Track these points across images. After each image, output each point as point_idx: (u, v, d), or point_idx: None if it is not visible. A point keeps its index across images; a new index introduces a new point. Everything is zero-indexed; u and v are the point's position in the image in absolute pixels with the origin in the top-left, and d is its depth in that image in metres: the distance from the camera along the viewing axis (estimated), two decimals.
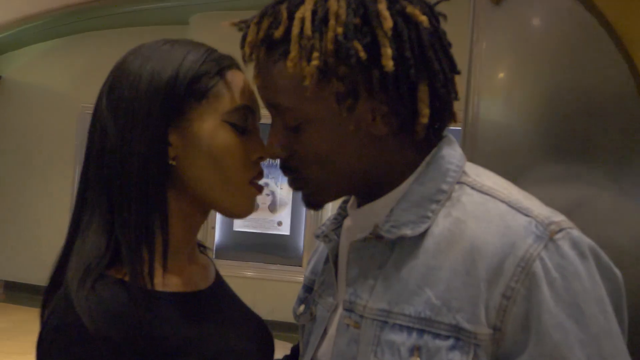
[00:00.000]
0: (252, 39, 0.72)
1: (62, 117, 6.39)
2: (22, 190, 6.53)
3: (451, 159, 0.74)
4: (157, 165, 0.76)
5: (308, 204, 0.79)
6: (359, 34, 0.66)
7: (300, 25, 0.67)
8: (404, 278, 0.69)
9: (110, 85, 0.79)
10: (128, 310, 0.71)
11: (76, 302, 0.69)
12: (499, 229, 0.66)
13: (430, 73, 0.69)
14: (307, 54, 0.67)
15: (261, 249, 5.65)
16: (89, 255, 0.74)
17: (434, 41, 0.70)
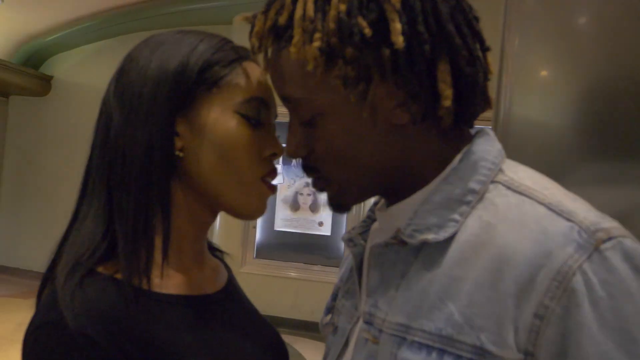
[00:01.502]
0: (259, 28, 0.67)
1: None
2: (71, 186, 6.65)
3: (486, 154, 0.65)
4: (162, 155, 0.71)
5: (333, 207, 0.73)
6: (364, 10, 0.59)
7: (303, 7, 0.62)
8: (425, 289, 0.61)
9: (118, 72, 0.76)
10: (116, 310, 0.66)
11: (60, 297, 0.65)
12: (533, 234, 0.57)
13: (451, 49, 0.61)
14: (309, 36, 0.61)
15: (302, 249, 5.60)
16: (81, 247, 0.70)
17: (455, 14, 0.61)
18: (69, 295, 0.65)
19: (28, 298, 5.94)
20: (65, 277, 0.67)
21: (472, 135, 0.70)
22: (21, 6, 5.78)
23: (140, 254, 0.70)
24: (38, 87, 6.91)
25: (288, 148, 0.71)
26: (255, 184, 0.76)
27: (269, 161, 0.78)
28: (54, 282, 0.68)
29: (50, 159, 6.90)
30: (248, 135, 0.74)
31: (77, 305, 0.64)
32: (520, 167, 0.67)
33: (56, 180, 6.82)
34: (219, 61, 0.74)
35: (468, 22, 0.63)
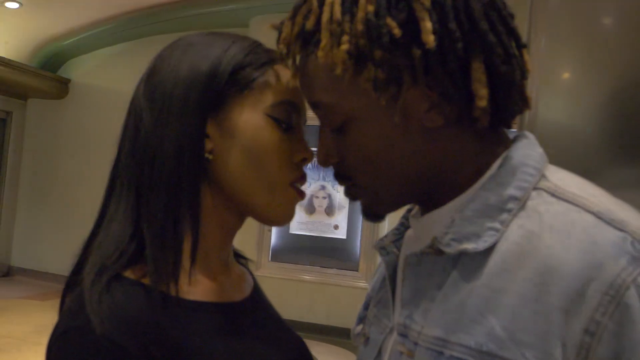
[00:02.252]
0: (286, 35, 0.65)
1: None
2: (87, 189, 6.72)
3: (526, 159, 0.62)
4: (192, 156, 0.70)
5: (367, 215, 0.70)
6: (393, 10, 0.57)
7: (330, 10, 0.60)
8: (463, 301, 0.58)
9: (149, 72, 0.74)
10: (144, 316, 0.64)
11: (87, 301, 0.63)
12: (581, 245, 0.53)
13: (485, 47, 0.58)
14: (337, 39, 0.59)
15: (317, 252, 5.57)
16: (108, 250, 0.68)
17: (488, 11, 0.59)
18: (96, 299, 0.63)
19: (44, 300, 6.00)
20: (92, 280, 0.65)
21: (510, 139, 0.66)
22: (39, 10, 5.85)
23: (168, 259, 0.68)
24: (56, 90, 6.97)
25: (319, 156, 0.68)
26: (285, 190, 0.74)
27: (298, 166, 0.76)
28: (80, 286, 0.66)
29: (66, 162, 6.96)
30: (278, 139, 0.73)
31: (105, 310, 0.62)
32: (563, 172, 0.64)
33: (72, 182, 6.88)
34: (251, 63, 0.73)
35: (502, 19, 0.60)
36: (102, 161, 4.71)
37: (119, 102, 5.03)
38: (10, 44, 6.36)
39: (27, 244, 7.14)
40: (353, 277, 5.29)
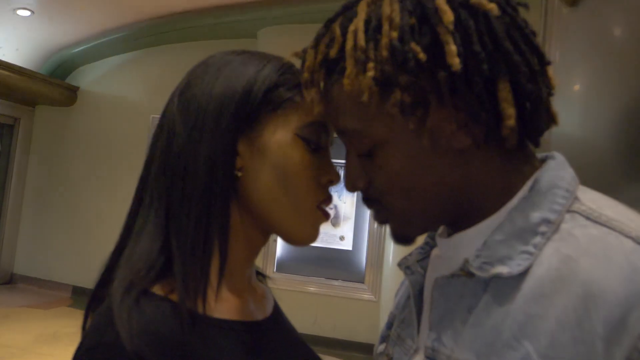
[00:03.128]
0: (310, 63, 0.66)
1: (133, 127, 6.57)
2: (93, 197, 6.75)
3: (560, 181, 0.61)
4: (224, 173, 0.71)
5: (397, 239, 0.69)
6: (416, 35, 0.58)
7: (353, 38, 0.61)
8: (497, 326, 0.58)
9: (183, 87, 0.75)
10: (173, 332, 0.64)
11: (117, 315, 0.63)
12: (622, 271, 0.53)
13: (511, 67, 0.58)
14: (362, 66, 0.60)
15: (323, 263, 5.55)
16: (137, 263, 0.68)
17: (511, 31, 0.59)
18: (126, 314, 0.63)
19: (47, 309, 5.99)
20: (121, 295, 0.65)
21: (536, 157, 0.66)
22: (51, 18, 5.90)
23: (196, 276, 0.68)
24: (64, 97, 7.00)
25: (347, 181, 0.68)
26: (311, 211, 0.75)
27: (325, 188, 0.77)
28: (107, 301, 0.66)
29: (72, 169, 6.98)
30: (307, 160, 0.74)
31: (135, 325, 0.63)
32: (596, 194, 0.63)
33: (78, 190, 6.89)
34: (284, 84, 0.74)
35: (525, 37, 0.60)
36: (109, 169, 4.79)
37: (127, 111, 5.10)
38: (21, 51, 6.39)
39: (31, 252, 7.13)
40: (359, 289, 5.27)
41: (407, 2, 0.59)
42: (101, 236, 6.23)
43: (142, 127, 6.45)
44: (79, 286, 6.64)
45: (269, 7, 5.25)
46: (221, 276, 0.72)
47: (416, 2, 0.59)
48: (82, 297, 6.43)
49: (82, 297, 6.43)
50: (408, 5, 0.59)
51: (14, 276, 7.13)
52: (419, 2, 0.59)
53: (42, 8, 5.65)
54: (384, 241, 5.11)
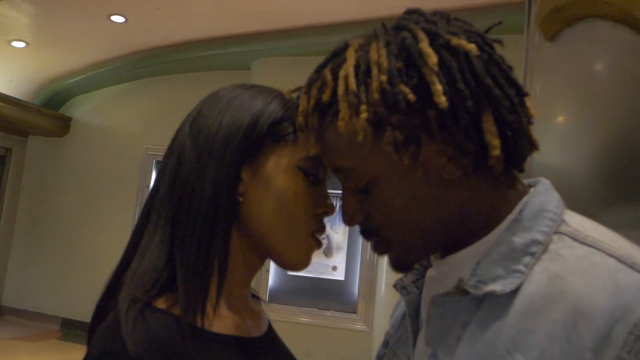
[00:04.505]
0: (303, 108, 0.70)
1: (126, 158, 6.59)
2: (84, 228, 6.72)
3: (548, 205, 0.66)
4: (227, 197, 0.76)
5: (396, 267, 0.73)
6: (404, 77, 0.62)
7: (344, 82, 0.64)
8: (491, 340, 0.61)
9: (195, 115, 0.81)
10: (175, 344, 0.68)
11: (123, 324, 0.67)
12: (607, 288, 0.57)
13: (492, 101, 0.63)
14: (355, 109, 0.63)
15: (315, 294, 5.54)
16: (143, 278, 0.73)
17: (490, 67, 0.64)
18: (131, 324, 0.67)
19: (35, 341, 5.93)
20: (127, 306, 0.69)
21: (526, 184, 0.70)
22: (45, 49, 5.98)
23: (197, 291, 0.72)
24: (57, 127, 7.03)
25: (344, 217, 0.71)
26: (305, 239, 0.80)
27: (320, 218, 0.81)
28: (115, 313, 0.70)
29: (64, 200, 6.96)
30: (305, 191, 0.79)
31: (139, 334, 0.67)
32: (581, 217, 0.67)
33: (69, 221, 6.86)
34: (289, 118, 0.79)
35: (503, 72, 0.65)
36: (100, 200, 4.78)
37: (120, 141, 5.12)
38: (15, 81, 6.45)
39: (20, 283, 7.06)
40: (351, 319, 5.25)
41: (393, 47, 0.63)
42: (91, 268, 6.19)
43: (135, 157, 6.48)
44: (68, 318, 6.58)
45: (263, 40, 5.35)
46: (220, 293, 0.76)
47: (401, 46, 0.63)
48: (71, 329, 6.39)
49: (71, 329, 6.39)
50: (394, 50, 0.63)
51: (2, 308, 7.06)
52: (403, 46, 0.63)
53: (36, 40, 5.74)
54: (377, 271, 5.11)
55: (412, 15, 0.67)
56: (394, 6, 4.34)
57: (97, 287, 0.79)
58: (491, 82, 0.63)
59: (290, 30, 5.08)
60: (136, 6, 4.87)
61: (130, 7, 4.91)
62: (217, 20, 5.11)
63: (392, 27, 0.66)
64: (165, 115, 6.03)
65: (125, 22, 5.22)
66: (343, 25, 4.73)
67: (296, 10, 4.71)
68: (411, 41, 0.63)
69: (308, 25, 4.90)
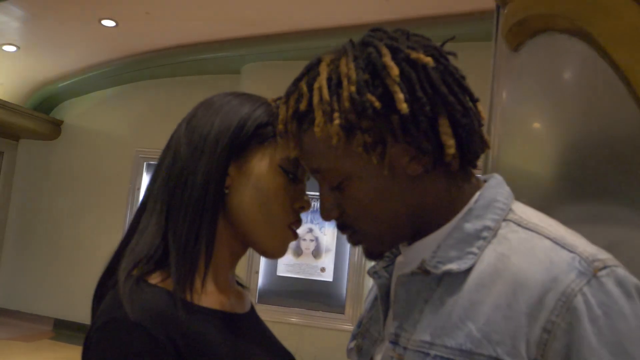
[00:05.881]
0: (283, 116, 0.78)
1: (117, 161, 6.58)
2: (76, 230, 6.70)
3: (498, 196, 0.76)
4: (215, 188, 0.85)
5: (369, 256, 0.82)
6: (370, 87, 0.71)
7: (319, 93, 0.73)
8: (447, 312, 0.70)
9: (190, 117, 0.91)
10: (168, 311, 0.77)
11: (122, 293, 0.76)
12: (542, 264, 0.67)
13: (447, 106, 0.72)
14: (329, 116, 0.72)
15: (304, 294, 5.58)
16: (140, 254, 0.82)
17: (445, 77, 0.73)
18: (129, 293, 0.77)
19: (29, 342, 5.91)
20: (125, 278, 0.78)
21: (480, 179, 0.80)
22: (36, 54, 5.97)
23: (187, 268, 0.81)
24: (48, 131, 7.02)
25: (322, 212, 0.80)
26: (282, 229, 0.90)
27: (297, 212, 0.91)
28: (116, 287, 0.78)
29: (55, 202, 6.94)
30: (285, 187, 0.88)
31: (137, 303, 0.76)
32: (526, 207, 0.77)
33: (60, 223, 6.86)
34: (272, 123, 0.88)
35: (457, 81, 0.75)
36: (92, 203, 4.82)
37: (111, 144, 5.12)
38: (6, 85, 6.44)
39: (12, 285, 7.04)
40: (339, 319, 5.27)
41: (360, 61, 0.72)
42: (83, 269, 6.17)
43: (126, 160, 6.47)
44: (60, 319, 6.58)
45: (252, 44, 5.39)
46: (207, 272, 0.85)
47: (367, 60, 0.72)
48: (63, 330, 6.38)
49: (63, 330, 6.38)
50: (361, 64, 0.72)
51: None
52: (369, 60, 0.72)
53: (27, 44, 5.74)
54: (364, 273, 5.14)
55: (377, 33, 0.77)
56: (380, 12, 4.43)
57: (89, 288, 0.87)
58: (446, 90, 0.72)
59: (279, 35, 5.13)
60: (127, 10, 4.89)
61: (120, 12, 4.92)
62: (207, 25, 5.14)
63: (359, 43, 0.76)
64: (156, 119, 6.08)
65: (115, 27, 5.22)
66: (331, 31, 4.77)
67: (285, 15, 4.76)
68: (376, 56, 0.72)
69: (296, 30, 4.95)
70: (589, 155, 1.12)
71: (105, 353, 0.74)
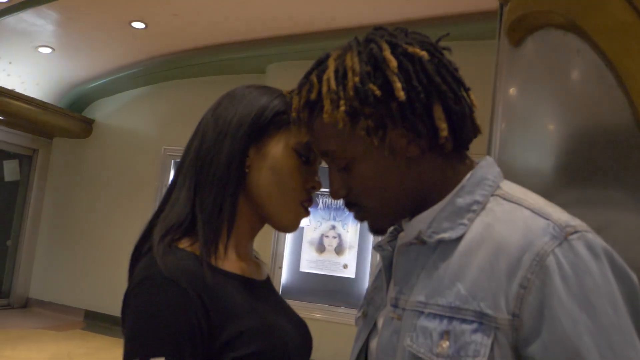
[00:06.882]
0: (296, 105, 0.87)
1: (146, 158, 6.67)
2: (106, 225, 6.81)
3: (487, 175, 0.84)
4: (237, 167, 0.96)
5: (373, 231, 0.90)
6: (372, 78, 0.79)
7: (327, 84, 0.82)
8: (440, 275, 0.78)
9: (216, 106, 1.02)
10: (196, 270, 0.87)
11: (156, 253, 0.87)
12: (520, 230, 0.74)
13: (441, 94, 0.80)
14: (336, 103, 0.80)
15: (326, 291, 5.62)
16: (171, 221, 0.93)
17: (439, 68, 0.81)
18: (162, 254, 0.88)
19: (59, 331, 6.08)
20: (159, 241, 0.89)
21: (471, 159, 0.89)
22: (69, 55, 6.10)
23: (212, 236, 0.92)
24: (80, 129, 7.15)
25: (331, 191, 0.89)
26: (295, 205, 1.00)
27: (309, 191, 1.01)
28: (152, 250, 0.89)
29: (86, 199, 7.06)
30: (298, 168, 0.99)
31: (168, 262, 0.86)
32: (514, 185, 0.85)
33: (90, 219, 6.98)
34: (288, 112, 0.98)
35: (450, 72, 0.83)
36: (121, 199, 4.94)
37: (139, 142, 5.20)
38: (41, 85, 6.58)
39: (45, 277, 7.21)
40: None
41: (363, 56, 0.81)
42: (112, 263, 6.27)
43: (154, 158, 6.58)
44: (91, 310, 6.73)
45: (277, 45, 5.45)
46: (228, 240, 0.95)
47: (369, 55, 0.81)
48: (94, 321, 6.54)
49: (94, 321, 6.54)
50: (364, 58, 0.81)
51: (29, 300, 7.26)
52: (371, 54, 0.81)
53: (62, 46, 5.88)
54: None
55: (378, 31, 0.86)
56: (400, 12, 4.46)
57: (118, 282, 0.96)
58: (439, 80, 0.80)
59: (303, 35, 5.19)
60: (155, 13, 4.99)
61: (150, 14, 5.03)
62: (233, 26, 5.20)
63: (363, 40, 0.85)
64: (183, 118, 6.06)
65: (145, 28, 5.33)
66: (354, 30, 4.72)
67: (309, 15, 4.82)
68: (377, 50, 0.80)
69: (321, 30, 5.01)
70: (582, 142, 1.18)
71: (142, 305, 0.84)
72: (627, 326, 0.68)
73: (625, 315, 0.68)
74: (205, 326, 0.84)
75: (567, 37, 1.21)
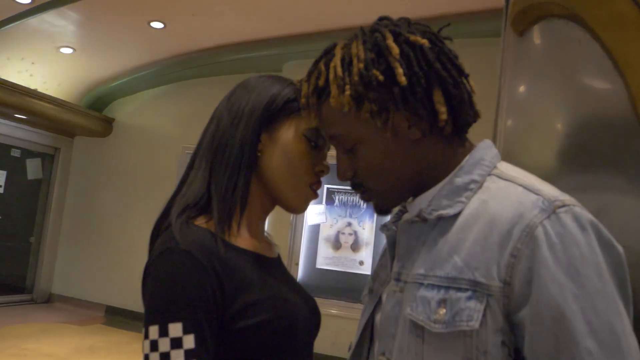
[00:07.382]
0: (305, 91, 0.92)
1: (164, 157, 6.71)
2: (126, 223, 6.88)
3: (485, 156, 0.88)
4: (249, 151, 1.01)
5: (378, 211, 0.94)
6: (376, 64, 0.83)
7: (334, 71, 0.86)
8: (439, 249, 0.82)
9: (231, 94, 1.07)
10: (211, 244, 0.92)
11: (174, 227, 0.92)
12: (513, 205, 0.78)
13: (440, 80, 0.84)
14: (341, 88, 0.84)
15: (342, 287, 5.63)
16: (188, 199, 0.98)
17: (439, 56, 0.85)
18: (179, 227, 0.93)
19: (82, 325, 6.18)
20: (177, 217, 0.95)
21: (472, 142, 0.92)
22: (90, 55, 6.18)
23: (227, 214, 0.97)
24: (101, 128, 7.23)
25: (338, 172, 0.94)
26: (304, 188, 1.06)
27: (317, 175, 1.06)
28: (169, 227, 0.95)
29: (107, 196, 7.13)
30: (307, 152, 1.04)
31: (185, 236, 0.92)
32: (510, 165, 0.89)
33: (111, 216, 7.05)
34: (298, 99, 1.03)
35: (450, 59, 0.87)
36: (141, 197, 5.00)
37: (159, 141, 5.23)
38: (63, 85, 6.67)
39: (67, 274, 7.30)
40: None
41: (368, 44, 0.85)
42: (132, 260, 6.16)
43: (173, 156, 6.61)
44: (111, 306, 6.81)
45: (293, 43, 5.49)
46: (241, 218, 1.01)
47: (373, 43, 0.85)
48: (114, 316, 6.61)
49: (114, 316, 6.61)
50: (368, 46, 0.85)
51: (52, 296, 7.38)
52: (375, 42, 0.85)
53: (82, 46, 5.96)
54: None
55: (383, 21, 0.91)
56: (414, 9, 4.47)
57: (137, 279, 1.00)
58: (439, 66, 0.84)
59: (320, 33, 5.21)
60: (174, 13, 5.03)
61: (168, 14, 5.08)
62: (251, 25, 5.25)
63: (368, 30, 0.89)
64: (201, 116, 5.92)
65: (163, 28, 5.38)
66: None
67: (326, 13, 4.85)
68: (380, 38, 0.85)
69: (338, 28, 5.01)
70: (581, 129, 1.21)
71: (161, 274, 0.89)
72: (611, 294, 0.71)
73: (610, 283, 0.71)
74: (219, 296, 0.90)
75: (569, 26, 1.23)
